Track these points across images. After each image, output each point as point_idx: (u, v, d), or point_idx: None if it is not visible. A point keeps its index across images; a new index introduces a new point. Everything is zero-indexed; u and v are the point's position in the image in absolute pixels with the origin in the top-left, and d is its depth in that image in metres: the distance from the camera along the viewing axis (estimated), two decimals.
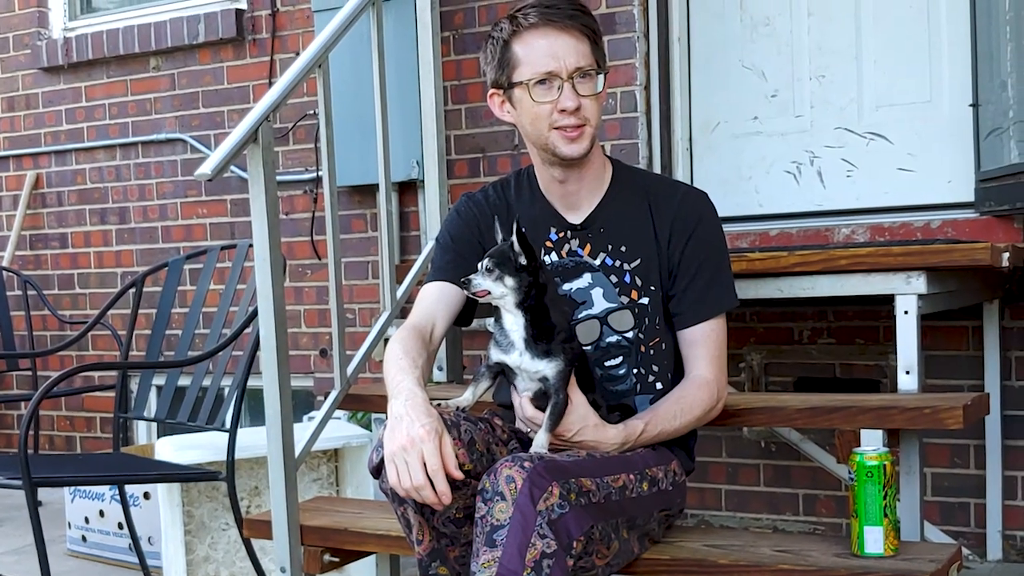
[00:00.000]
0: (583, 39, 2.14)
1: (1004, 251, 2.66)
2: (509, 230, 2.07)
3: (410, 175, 3.84)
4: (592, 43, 2.16)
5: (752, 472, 3.58)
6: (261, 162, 2.60)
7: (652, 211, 2.24)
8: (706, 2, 3.70)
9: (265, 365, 2.63)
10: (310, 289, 4.31)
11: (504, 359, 2.05)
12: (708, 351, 2.21)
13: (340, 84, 3.23)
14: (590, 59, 2.15)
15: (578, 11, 2.16)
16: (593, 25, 2.17)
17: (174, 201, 4.63)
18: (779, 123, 3.62)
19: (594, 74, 2.15)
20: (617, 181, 2.28)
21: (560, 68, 2.12)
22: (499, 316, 2.07)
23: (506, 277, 2.01)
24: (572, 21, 2.13)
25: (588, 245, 2.24)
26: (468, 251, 2.25)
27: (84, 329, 3.85)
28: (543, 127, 2.16)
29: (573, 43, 2.13)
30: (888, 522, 2.11)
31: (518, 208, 2.28)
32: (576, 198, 2.26)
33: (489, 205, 2.30)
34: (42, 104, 4.94)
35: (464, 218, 2.31)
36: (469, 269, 2.15)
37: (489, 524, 1.85)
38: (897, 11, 3.44)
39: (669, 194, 2.27)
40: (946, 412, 2.28)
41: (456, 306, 2.25)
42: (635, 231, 2.23)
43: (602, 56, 2.20)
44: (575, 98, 2.12)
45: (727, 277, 2.25)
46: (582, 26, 2.14)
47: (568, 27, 2.13)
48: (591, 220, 2.25)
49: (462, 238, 2.28)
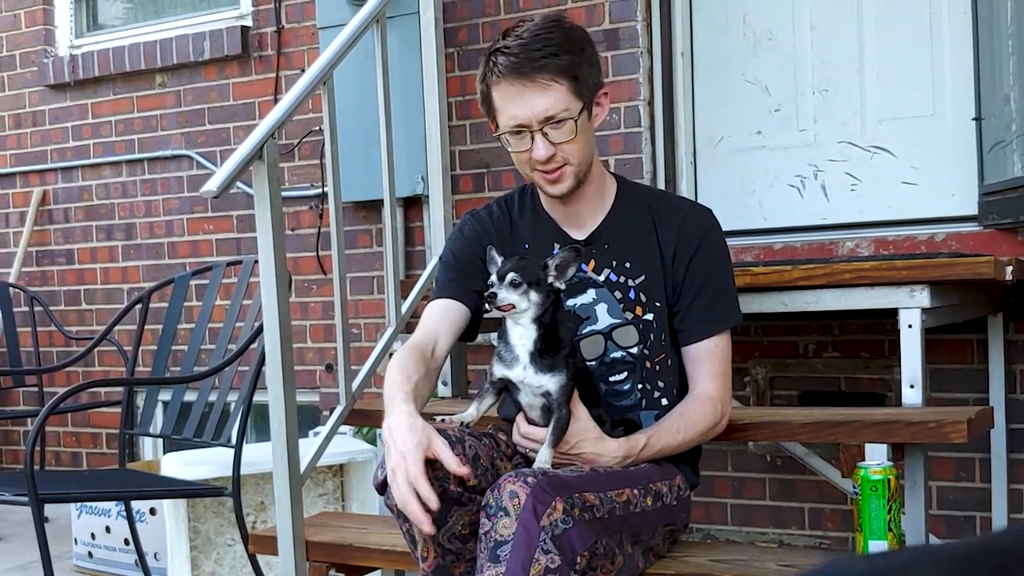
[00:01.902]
0: (555, 84, 2.08)
1: (1008, 264, 2.66)
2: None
3: (415, 190, 3.86)
4: (570, 81, 2.09)
5: (757, 486, 3.58)
6: (267, 178, 2.61)
7: (656, 227, 2.24)
8: (709, 17, 3.71)
9: (271, 380, 2.63)
10: (315, 304, 4.32)
11: (507, 374, 2.06)
12: (712, 367, 2.21)
13: (345, 101, 3.25)
14: (564, 103, 2.09)
15: (549, 55, 2.08)
16: (565, 66, 2.09)
17: (180, 217, 4.64)
18: (782, 137, 3.62)
19: (568, 119, 2.10)
20: (621, 197, 2.29)
21: (529, 119, 2.09)
22: (504, 330, 2.07)
23: (532, 292, 2.03)
24: (540, 72, 2.07)
25: (592, 261, 2.24)
26: (471, 269, 2.25)
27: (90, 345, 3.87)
28: (527, 170, 2.18)
29: (542, 92, 2.08)
30: (893, 536, 2.11)
31: (521, 225, 2.29)
32: (579, 217, 2.27)
33: (493, 222, 2.31)
34: (48, 121, 4.96)
35: (467, 237, 2.31)
36: (473, 287, 2.17)
37: (493, 540, 1.85)
38: (900, 25, 3.45)
39: (673, 210, 2.27)
40: (951, 426, 2.28)
41: (460, 323, 2.26)
42: (639, 247, 2.24)
43: (585, 89, 2.12)
44: (547, 147, 2.11)
45: (731, 294, 2.26)
46: (554, 71, 2.07)
47: (535, 78, 2.07)
48: (595, 236, 2.26)
49: (464, 256, 2.29)
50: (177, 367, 3.86)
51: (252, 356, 3.18)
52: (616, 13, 3.68)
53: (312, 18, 4.19)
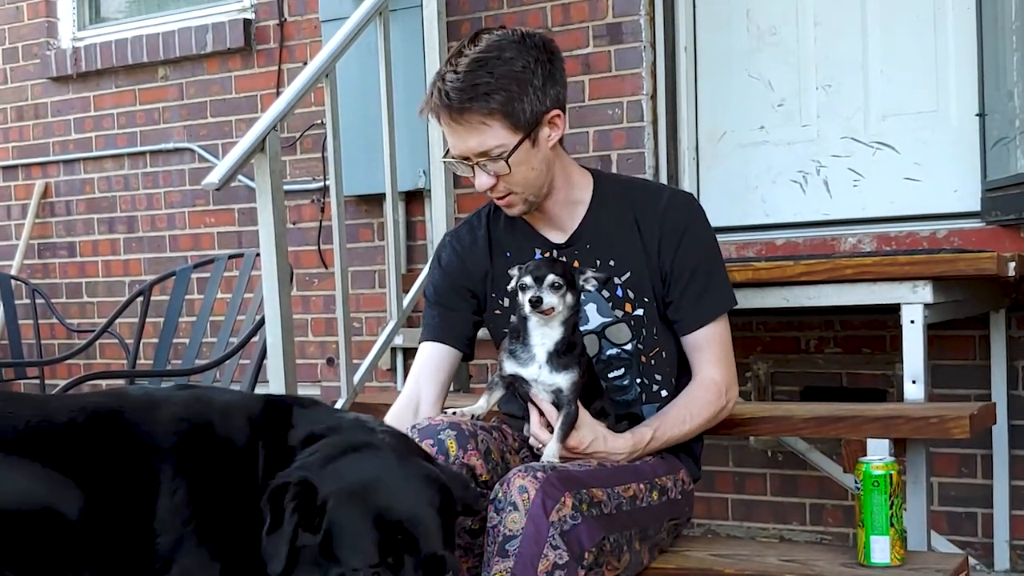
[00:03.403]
0: (485, 124, 2.05)
1: (1010, 260, 2.66)
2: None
3: (417, 184, 3.85)
4: (503, 118, 2.05)
5: (759, 481, 3.58)
6: (268, 171, 2.61)
7: (638, 221, 2.21)
8: (712, 11, 3.71)
9: (272, 374, 2.63)
10: (317, 298, 4.32)
11: (520, 372, 2.05)
12: (712, 354, 2.20)
13: (347, 94, 3.25)
14: (496, 140, 2.06)
15: (480, 96, 2.03)
16: (497, 107, 2.04)
17: (182, 210, 4.64)
18: (785, 132, 3.62)
19: (502, 155, 2.07)
20: (599, 194, 2.25)
21: (464, 152, 2.10)
22: (521, 330, 2.06)
23: (568, 294, 2.02)
24: (468, 112, 2.05)
25: (576, 262, 2.20)
26: (454, 300, 2.28)
27: (92, 338, 3.87)
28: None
29: (473, 131, 2.07)
30: (895, 532, 2.11)
31: (500, 234, 2.28)
32: (557, 219, 2.25)
33: (471, 238, 2.30)
34: (51, 114, 4.96)
35: (444, 267, 2.31)
36: (459, 319, 2.24)
37: (501, 534, 1.85)
38: (904, 21, 3.44)
39: (654, 201, 2.23)
40: (953, 422, 2.28)
41: (448, 367, 2.26)
42: (622, 244, 2.21)
43: (523, 121, 2.06)
44: (487, 178, 2.11)
45: (722, 278, 2.23)
46: (484, 113, 2.04)
47: (463, 119, 2.06)
48: (576, 237, 2.24)
49: (444, 290, 2.30)
50: (178, 360, 3.86)
51: (253, 349, 3.18)
52: (619, 7, 3.67)
53: (315, 11, 4.19)
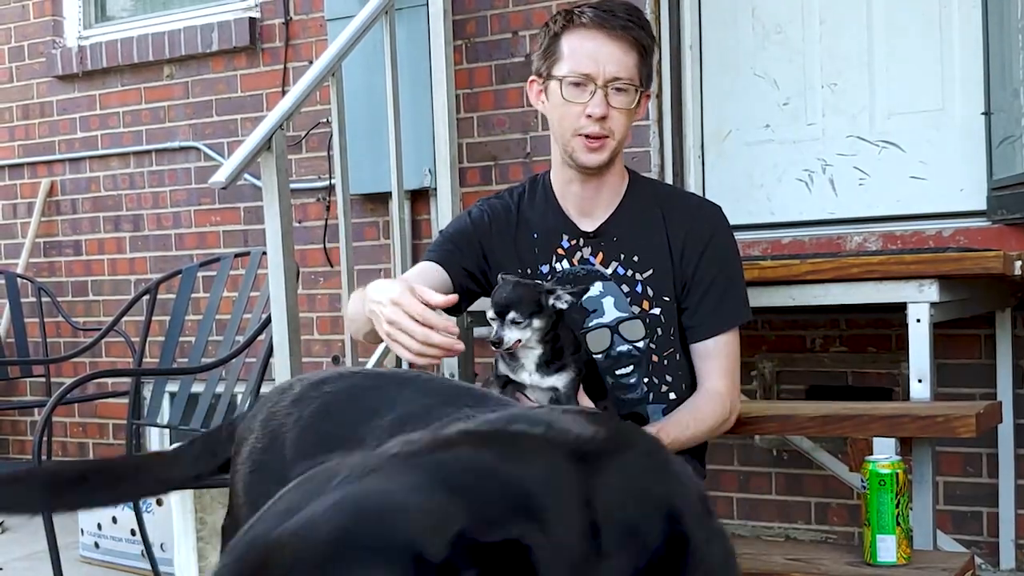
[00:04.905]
0: (630, 51, 2.14)
1: (1016, 259, 2.66)
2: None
3: (422, 183, 3.85)
4: (640, 57, 2.15)
5: (764, 480, 3.57)
6: (275, 170, 2.62)
7: (666, 222, 2.24)
8: (718, 10, 3.70)
9: (278, 372, 2.64)
10: (323, 296, 4.32)
11: (513, 377, 2.05)
12: (721, 364, 2.21)
13: (353, 93, 3.25)
14: (632, 72, 2.14)
15: (633, 23, 2.15)
16: (646, 41, 2.17)
17: (187, 209, 4.64)
18: (791, 131, 3.62)
19: (631, 88, 2.14)
20: (632, 191, 2.28)
21: (598, 73, 2.12)
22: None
23: (534, 320, 1.99)
24: (624, 31, 2.13)
25: (600, 253, 2.24)
26: (466, 250, 2.28)
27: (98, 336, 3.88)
28: (568, 129, 2.17)
29: (619, 53, 2.13)
30: (900, 531, 2.11)
31: (531, 215, 2.29)
32: (591, 205, 2.26)
33: (503, 210, 2.31)
34: (56, 112, 4.96)
35: (474, 220, 2.32)
36: (463, 264, 2.24)
37: None
38: (909, 18, 3.44)
39: (684, 206, 2.27)
40: (958, 420, 2.28)
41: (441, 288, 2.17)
42: (648, 242, 2.23)
43: (647, 73, 2.19)
44: (603, 107, 2.13)
45: (740, 290, 2.25)
46: (633, 39, 2.14)
47: (618, 36, 2.13)
48: (604, 228, 2.26)
49: (465, 235, 2.30)
50: (184, 358, 3.86)
51: (260, 347, 3.18)
52: None
53: (320, 10, 4.19)
